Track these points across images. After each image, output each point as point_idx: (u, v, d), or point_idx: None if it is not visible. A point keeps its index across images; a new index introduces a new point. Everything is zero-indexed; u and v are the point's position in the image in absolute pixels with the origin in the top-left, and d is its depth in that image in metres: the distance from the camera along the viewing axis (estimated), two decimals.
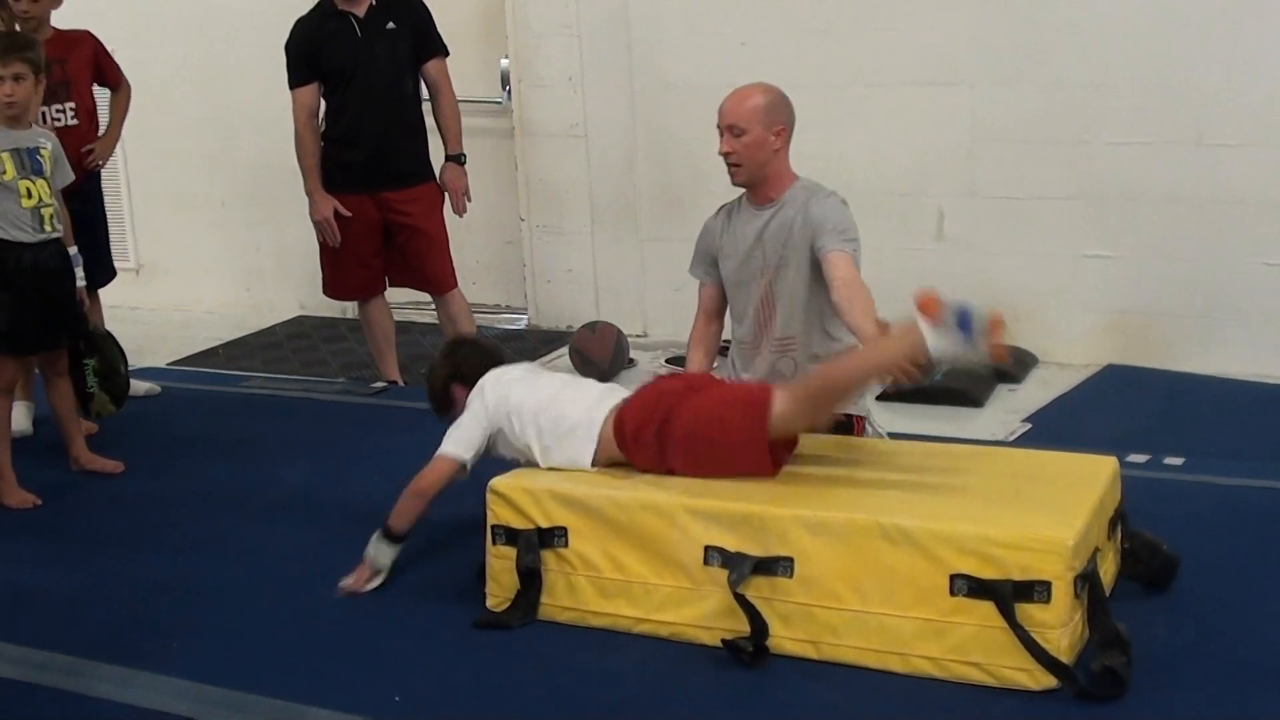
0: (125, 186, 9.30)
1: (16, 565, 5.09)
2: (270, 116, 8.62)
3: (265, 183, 8.86)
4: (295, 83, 6.63)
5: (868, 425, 5.15)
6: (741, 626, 4.05)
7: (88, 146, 6.42)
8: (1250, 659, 3.97)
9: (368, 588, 4.61)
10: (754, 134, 4.97)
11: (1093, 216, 7.07)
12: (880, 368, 4.23)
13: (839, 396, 4.37)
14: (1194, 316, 6.96)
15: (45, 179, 5.57)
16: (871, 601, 3.96)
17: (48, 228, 5.57)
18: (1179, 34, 6.75)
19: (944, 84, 7.22)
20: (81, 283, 5.79)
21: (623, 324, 7.61)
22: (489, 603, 4.42)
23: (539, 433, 4.52)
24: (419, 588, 4.66)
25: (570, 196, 8.20)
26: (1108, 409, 6.51)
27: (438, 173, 6.80)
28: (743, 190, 5.15)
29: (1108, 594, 4.00)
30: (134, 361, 6.30)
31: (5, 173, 5.46)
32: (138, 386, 6.70)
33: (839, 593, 3.99)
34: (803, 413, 4.30)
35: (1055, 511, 3.96)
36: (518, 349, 7.86)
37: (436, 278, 6.88)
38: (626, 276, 8.12)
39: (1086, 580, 3.85)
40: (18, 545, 5.26)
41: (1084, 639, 3.89)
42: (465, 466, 4.60)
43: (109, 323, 6.61)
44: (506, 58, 8.21)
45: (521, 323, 8.49)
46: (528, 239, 8.36)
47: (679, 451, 4.35)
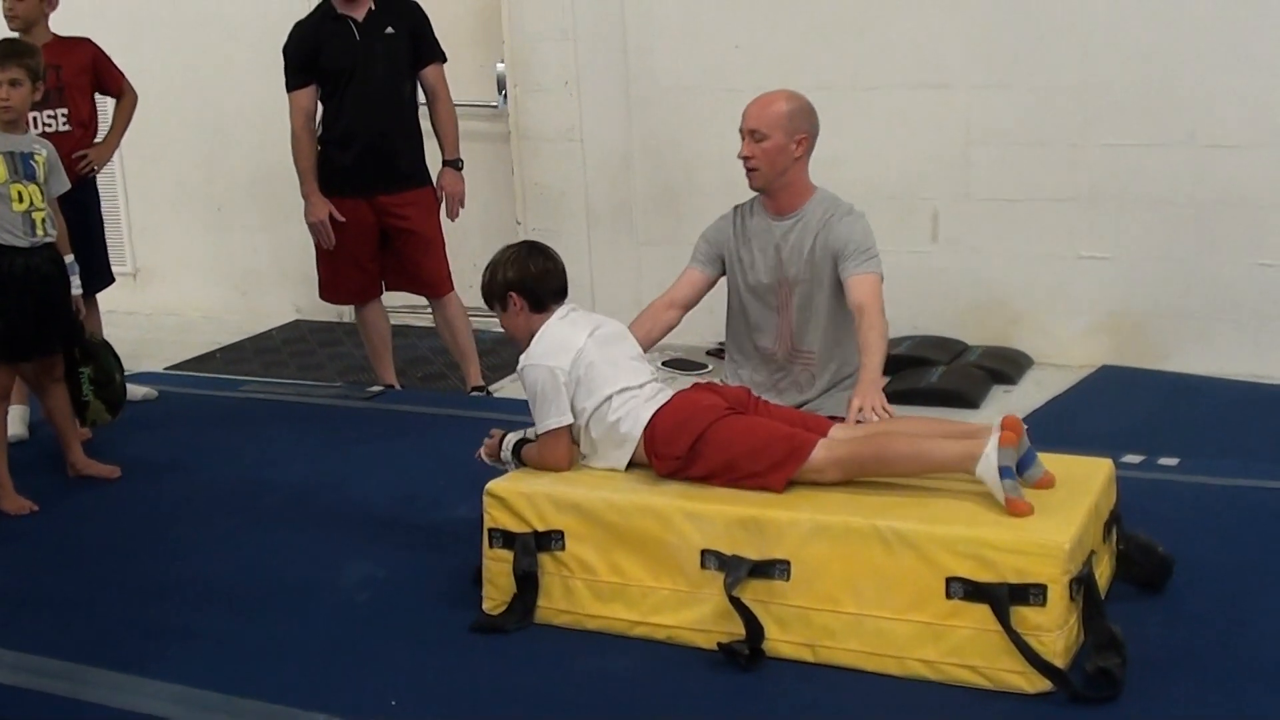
0: (122, 191, 9.30)
1: (13, 570, 5.09)
2: (266, 121, 8.64)
3: (261, 187, 8.87)
4: (293, 85, 6.63)
5: None
6: (738, 630, 4.06)
7: (81, 152, 6.42)
8: (1245, 660, 3.98)
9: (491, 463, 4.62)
10: (775, 140, 4.97)
11: (1087, 218, 7.08)
12: (934, 466, 4.19)
13: (882, 473, 4.25)
14: (1189, 317, 6.97)
15: (38, 184, 5.57)
16: (868, 605, 3.97)
17: (40, 232, 5.57)
18: (1173, 36, 6.76)
19: (939, 86, 7.23)
20: (78, 290, 5.80)
21: None
22: (486, 606, 4.42)
23: (595, 436, 4.48)
24: (415, 591, 4.66)
25: (566, 200, 8.21)
26: (1103, 410, 6.52)
27: (435, 177, 6.80)
28: (755, 195, 5.14)
29: (1103, 596, 4.01)
30: (130, 366, 6.30)
31: None
32: (134, 391, 6.69)
33: (836, 596, 4.00)
34: (839, 472, 4.23)
35: (1050, 514, 3.96)
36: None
37: (433, 281, 6.88)
38: (623, 280, 8.13)
39: (1082, 583, 3.86)
40: (14, 550, 5.27)
41: (1079, 641, 3.89)
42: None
43: (106, 327, 6.62)
44: (503, 62, 8.22)
45: None
46: None
47: (703, 467, 4.32)
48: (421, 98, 6.87)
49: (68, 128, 6.40)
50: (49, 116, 6.32)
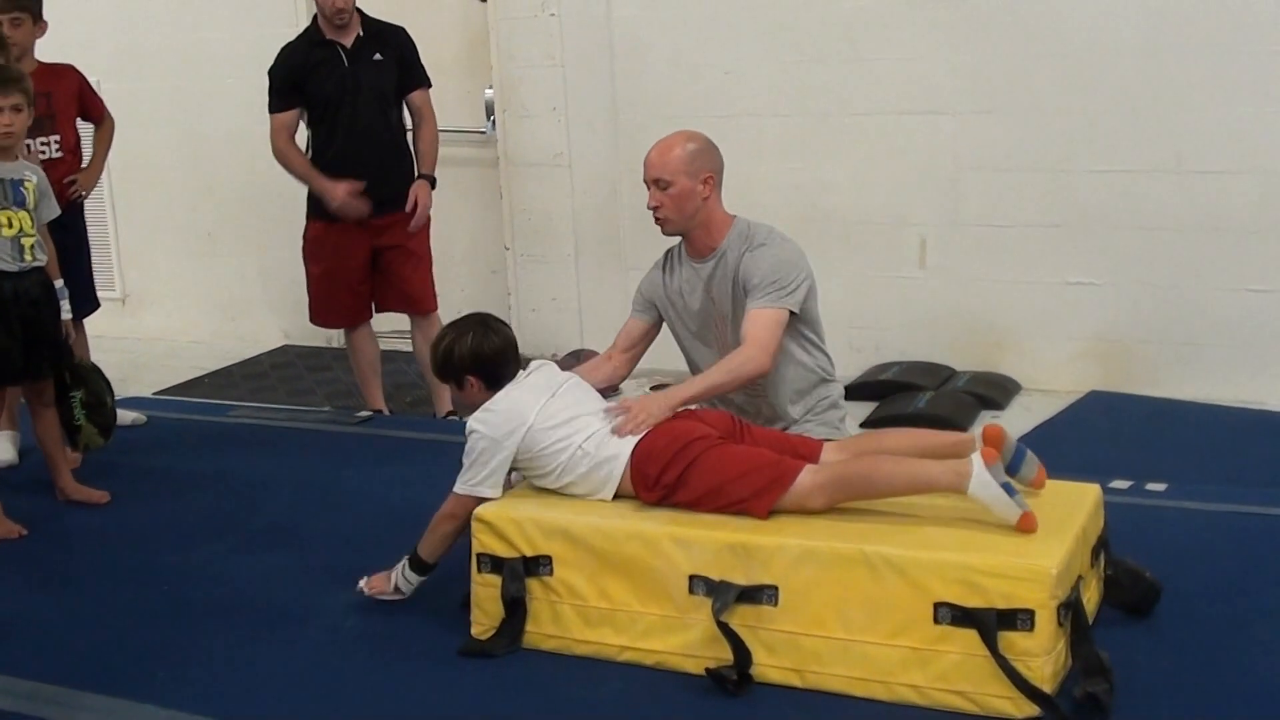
0: (111, 217, 9.31)
1: (3, 595, 5.08)
2: (255, 147, 8.63)
3: (250, 213, 8.88)
4: (277, 108, 6.69)
5: None
6: (726, 655, 4.06)
7: (70, 177, 6.43)
8: (1233, 685, 3.98)
9: (382, 598, 4.65)
10: (680, 185, 4.95)
11: (1075, 244, 7.10)
12: (922, 486, 4.19)
13: (869, 494, 4.25)
14: (1176, 342, 6.98)
15: (27, 210, 5.58)
16: (856, 630, 3.97)
17: (28, 257, 5.58)
18: (1159, 62, 6.79)
19: (926, 113, 7.25)
20: (67, 315, 5.80)
21: None
22: (474, 631, 4.43)
23: (561, 470, 4.46)
24: (404, 616, 4.65)
25: (554, 226, 8.22)
26: (1090, 435, 6.52)
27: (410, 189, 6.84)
28: (676, 242, 5.15)
29: (1091, 621, 4.02)
30: (119, 391, 6.30)
31: None
32: (123, 416, 6.68)
33: (824, 621, 4.00)
34: (824, 497, 4.22)
35: (1038, 540, 3.97)
36: None
37: (420, 297, 6.95)
38: (610, 304, 8.12)
39: (1070, 608, 3.86)
40: (4, 575, 5.25)
41: (1067, 667, 3.90)
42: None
43: (94, 352, 6.62)
44: (491, 88, 8.24)
45: None
46: (512, 268, 8.37)
47: (689, 493, 4.32)
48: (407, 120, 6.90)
49: (60, 154, 6.41)
50: (42, 144, 6.33)
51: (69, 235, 6.29)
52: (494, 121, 8.26)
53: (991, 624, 3.80)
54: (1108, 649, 3.88)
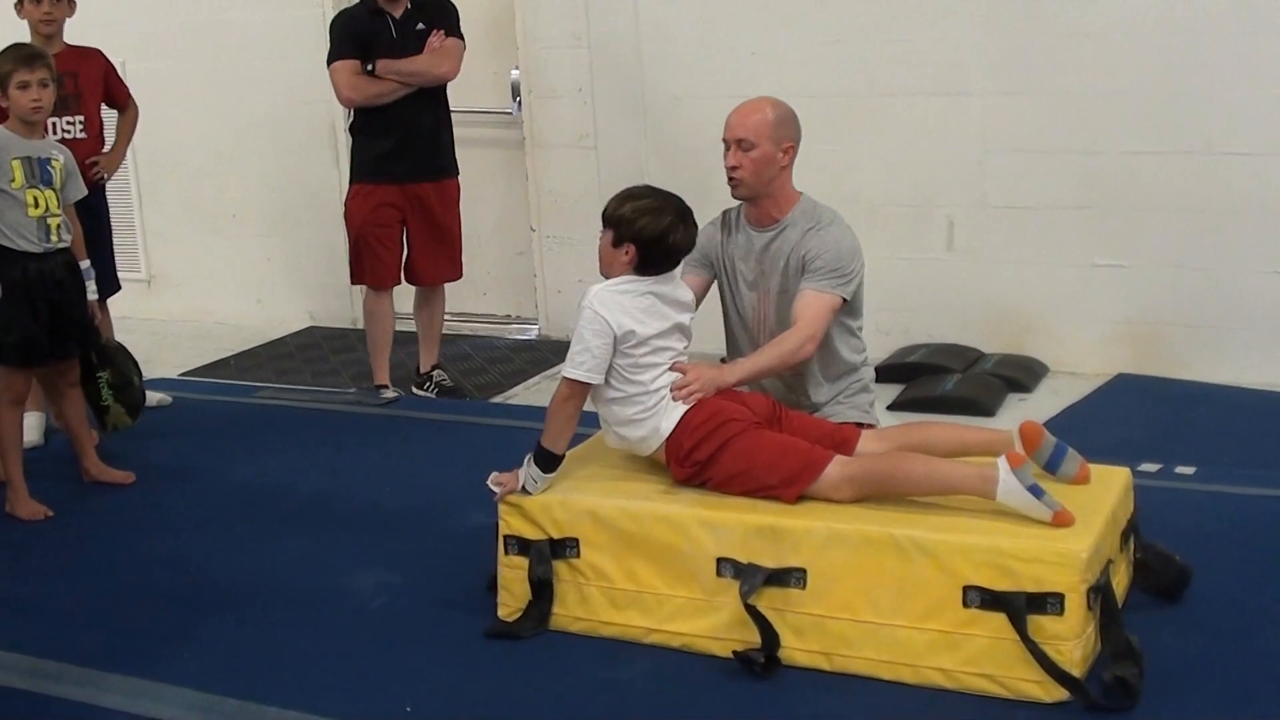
0: (136, 198, 9.30)
1: (29, 576, 5.11)
2: (280, 129, 8.67)
3: (275, 194, 8.87)
4: (341, 55, 6.82)
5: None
6: (754, 638, 4.05)
7: (93, 159, 6.43)
8: (1262, 669, 3.97)
9: (507, 495, 4.41)
10: (762, 149, 4.89)
11: (1103, 226, 7.06)
12: (949, 488, 4.15)
13: (896, 492, 4.21)
14: (1205, 325, 6.95)
15: (54, 190, 5.58)
16: (884, 613, 3.96)
17: (54, 238, 5.58)
18: (1189, 43, 6.75)
19: (954, 94, 7.21)
20: (93, 296, 5.81)
21: None
22: (501, 613, 4.42)
23: (621, 419, 4.43)
24: (431, 598, 4.66)
25: (581, 207, 8.20)
26: (1119, 418, 6.49)
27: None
28: (738, 204, 5.10)
29: (1120, 605, 4.00)
30: (145, 372, 6.30)
31: (14, 180, 5.48)
32: (149, 398, 6.70)
33: (852, 604, 3.99)
34: (852, 489, 4.21)
35: None
36: (529, 359, 7.87)
37: (446, 271, 7.19)
38: None
39: (1099, 592, 3.85)
40: (30, 556, 5.28)
41: (1096, 650, 3.88)
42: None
43: (120, 334, 6.62)
44: (517, 69, 8.22)
45: (533, 333, 8.49)
46: (538, 249, 8.36)
47: (719, 473, 4.31)
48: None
49: (84, 135, 6.42)
50: (68, 123, 6.34)
51: (91, 217, 6.29)
52: (520, 103, 8.24)
53: (1021, 608, 3.79)
54: (1137, 633, 3.87)
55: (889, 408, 6.48)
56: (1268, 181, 6.69)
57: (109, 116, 6.70)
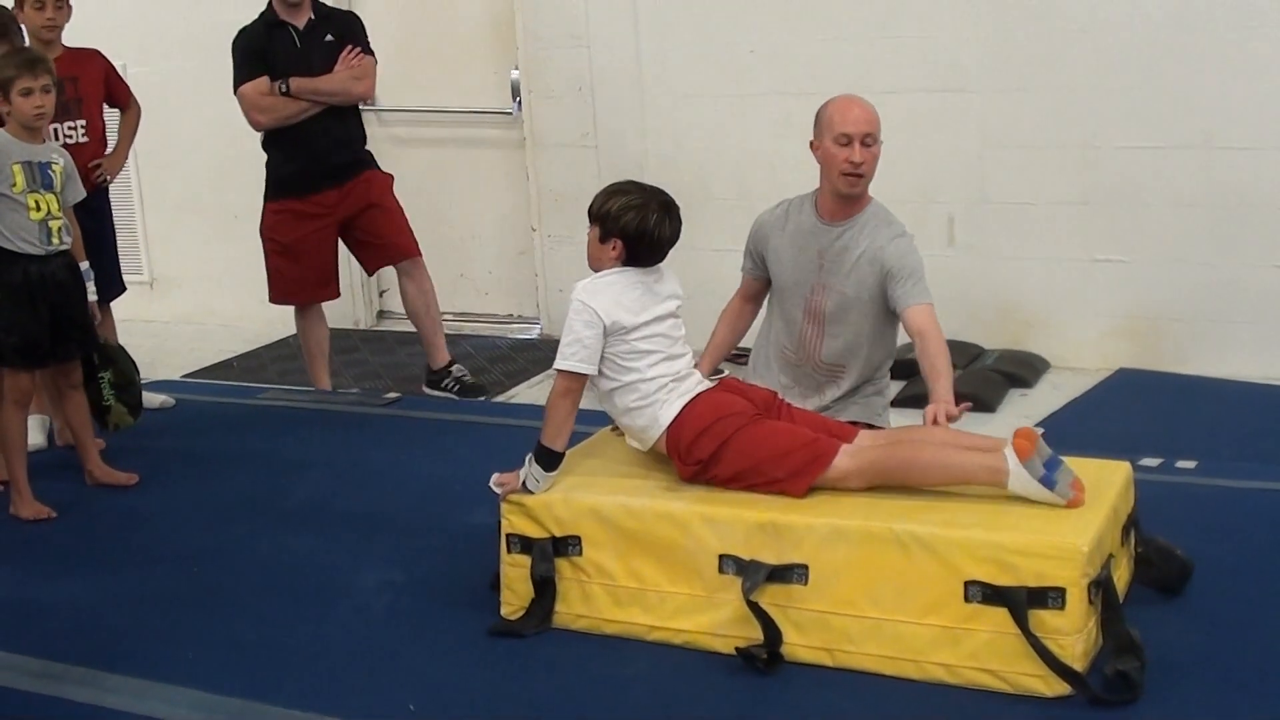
0: (138, 200, 9.32)
1: (32, 577, 5.11)
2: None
3: None
4: (246, 78, 6.76)
5: None
6: (756, 634, 4.06)
7: (96, 161, 6.44)
8: (1264, 663, 3.97)
9: (510, 494, 4.41)
10: (879, 144, 4.95)
11: (1103, 221, 7.07)
12: (959, 477, 4.18)
13: (905, 481, 4.23)
14: (1205, 320, 6.95)
15: (54, 194, 5.60)
16: (886, 608, 3.97)
17: (55, 241, 5.59)
18: (1187, 38, 6.75)
19: (953, 91, 7.22)
20: (93, 297, 5.82)
21: None
22: (503, 611, 4.43)
23: (620, 408, 4.46)
24: (433, 596, 4.67)
25: (581, 206, 8.05)
26: (1120, 413, 6.50)
27: None
28: (808, 193, 5.10)
29: (1121, 599, 4.00)
30: (147, 374, 6.32)
31: (15, 185, 5.49)
32: (151, 399, 6.71)
33: (854, 600, 4.00)
34: (861, 480, 4.23)
35: (1069, 518, 3.96)
36: (531, 358, 7.88)
37: (403, 244, 7.00)
38: None
39: (1100, 586, 3.86)
40: (33, 557, 5.28)
41: (1098, 645, 3.89)
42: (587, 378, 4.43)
43: (122, 336, 6.63)
44: (517, 69, 8.23)
45: (534, 332, 8.50)
46: (539, 249, 8.37)
47: (725, 470, 4.32)
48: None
49: (86, 139, 6.42)
50: (69, 128, 6.34)
51: (94, 219, 6.31)
52: (520, 102, 8.25)
53: (1022, 602, 3.80)
54: (1139, 627, 3.87)
55: (891, 404, 6.47)
56: (1267, 176, 6.70)
57: (111, 116, 6.70)
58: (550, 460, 4.37)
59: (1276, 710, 3.77)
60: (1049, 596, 3.79)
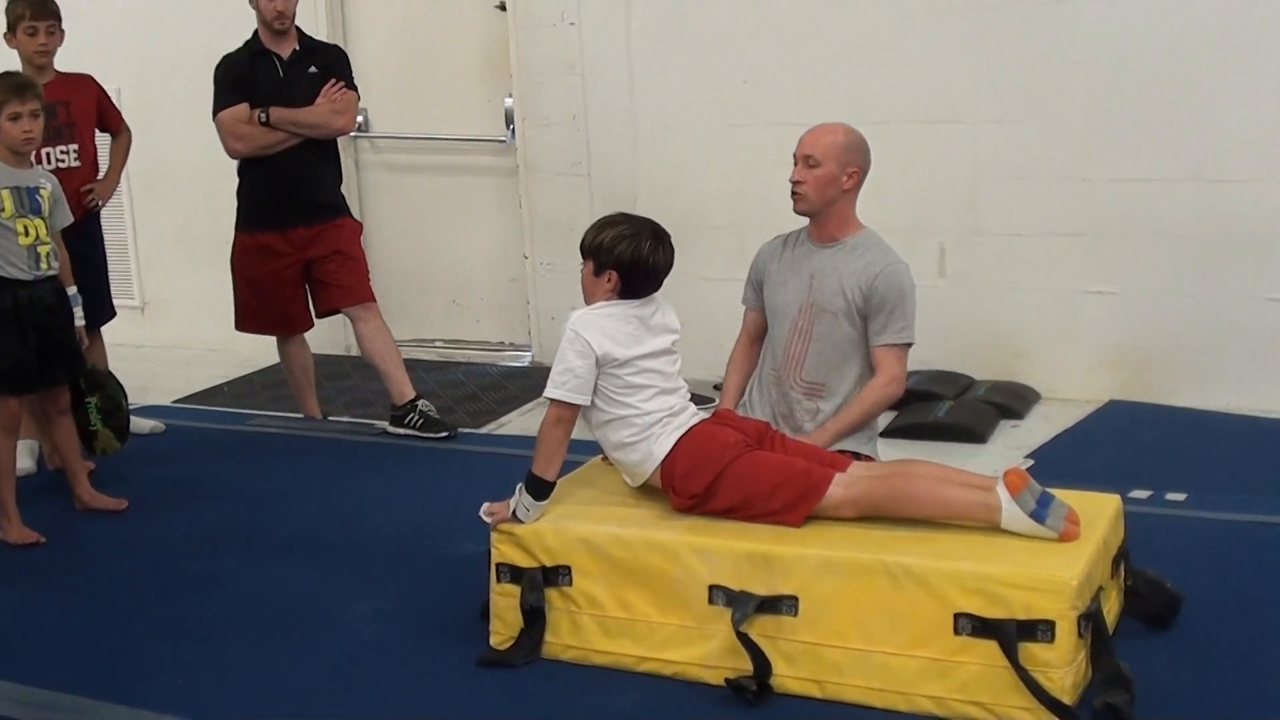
0: (130, 225, 9.31)
1: (20, 603, 5.10)
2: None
3: None
4: (225, 104, 6.71)
5: None
6: (746, 665, 4.06)
7: (87, 186, 6.44)
8: (1253, 696, 3.97)
9: (500, 524, 4.39)
10: (826, 168, 5.00)
11: (1094, 253, 7.08)
12: (951, 513, 4.19)
13: (898, 514, 4.24)
14: (1196, 352, 6.96)
15: (43, 218, 5.60)
16: (876, 640, 3.97)
17: (44, 266, 5.59)
18: (1179, 71, 6.77)
19: (945, 121, 7.24)
20: (80, 322, 5.81)
21: None
22: (493, 640, 4.42)
23: (613, 443, 4.46)
24: (423, 625, 4.66)
25: (574, 234, 8.11)
26: (1110, 445, 6.51)
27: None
28: (805, 224, 5.18)
29: (1111, 632, 4.00)
30: (138, 400, 6.31)
31: (4, 210, 5.49)
32: (142, 425, 6.71)
33: (844, 632, 4.00)
34: (854, 510, 4.24)
35: (1059, 550, 3.97)
36: (522, 386, 7.87)
37: (355, 287, 6.87)
38: None
39: (1090, 619, 3.86)
40: (21, 583, 5.27)
41: (1087, 678, 3.89)
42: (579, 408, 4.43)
43: (113, 360, 6.63)
44: (510, 97, 8.24)
45: (526, 359, 8.50)
46: (532, 276, 8.37)
47: (720, 503, 4.32)
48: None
49: (78, 163, 6.42)
50: (61, 152, 6.34)
51: (86, 244, 6.31)
52: (513, 130, 8.26)
53: (1012, 635, 3.80)
54: (1128, 660, 3.87)
55: (880, 435, 6.47)
56: (1258, 208, 6.71)
57: (102, 141, 6.70)
58: (541, 489, 4.36)
59: None
60: (1038, 629, 3.79)
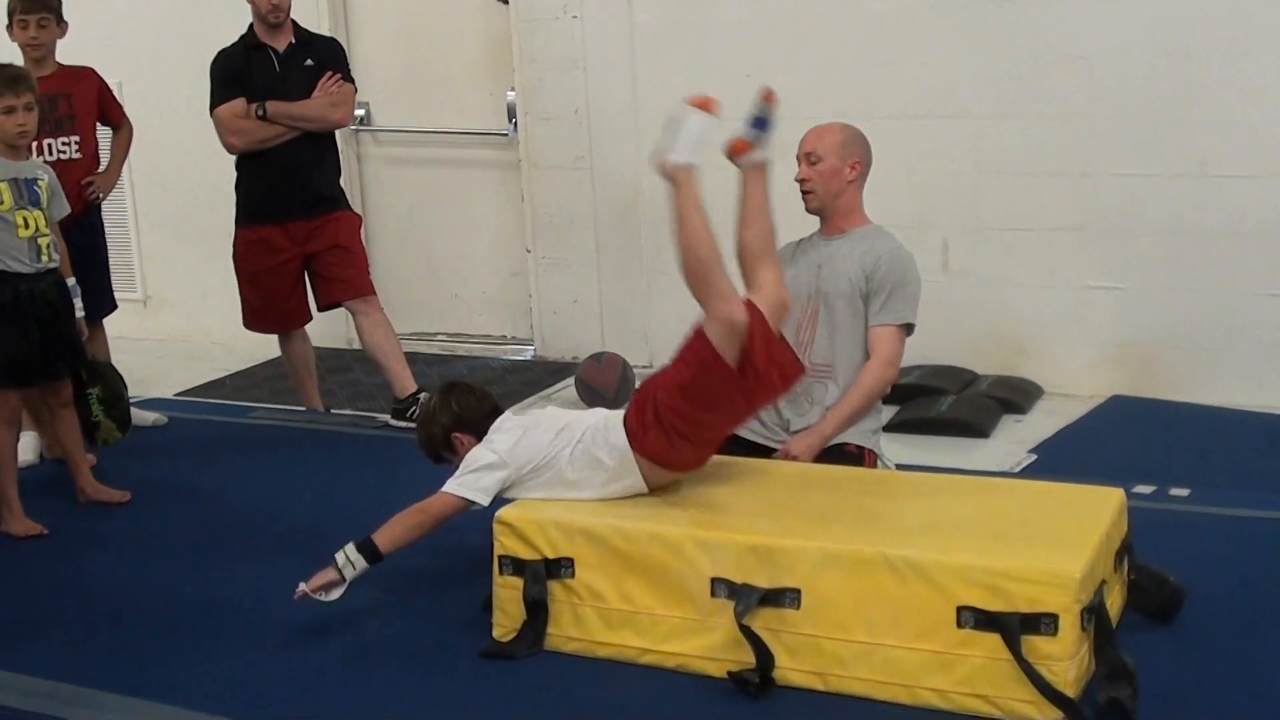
0: (132, 218, 9.32)
1: (23, 594, 5.10)
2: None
3: None
4: (221, 100, 6.71)
5: (878, 460, 5.19)
6: (748, 658, 4.05)
7: (88, 178, 6.44)
8: (1257, 691, 3.97)
9: (326, 597, 4.46)
10: (828, 163, 5.19)
11: (1097, 248, 7.08)
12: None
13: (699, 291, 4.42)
14: (1199, 347, 6.96)
15: (42, 210, 5.60)
16: (879, 633, 3.96)
17: (44, 258, 5.59)
18: (1182, 65, 6.77)
19: (948, 116, 7.24)
20: (80, 314, 5.81)
21: (628, 354, 7.61)
22: (495, 633, 4.42)
23: (566, 464, 4.49)
24: (425, 617, 4.66)
25: (576, 228, 8.22)
26: (1113, 440, 6.51)
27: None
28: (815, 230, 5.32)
29: (1114, 626, 4.00)
30: (140, 392, 6.31)
31: (3, 203, 5.48)
32: (144, 417, 6.71)
33: (846, 624, 3.99)
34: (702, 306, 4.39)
35: (1062, 544, 3.96)
36: (524, 380, 7.88)
37: (355, 281, 6.89)
38: (632, 307, 8.14)
39: (1093, 613, 3.85)
40: (25, 575, 5.27)
41: (1090, 671, 3.88)
42: (470, 508, 4.53)
43: (115, 353, 6.63)
44: (513, 90, 8.24)
45: (528, 354, 8.50)
46: (534, 270, 8.38)
47: (675, 418, 4.34)
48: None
49: (79, 155, 6.43)
50: (62, 144, 6.35)
51: (87, 236, 6.32)
52: (516, 124, 8.27)
53: (1015, 628, 3.79)
54: (1131, 654, 3.86)
55: (884, 429, 6.48)
56: (1262, 203, 6.72)
57: (104, 135, 6.71)
58: (373, 556, 4.47)
59: None
60: (1042, 622, 3.78)
